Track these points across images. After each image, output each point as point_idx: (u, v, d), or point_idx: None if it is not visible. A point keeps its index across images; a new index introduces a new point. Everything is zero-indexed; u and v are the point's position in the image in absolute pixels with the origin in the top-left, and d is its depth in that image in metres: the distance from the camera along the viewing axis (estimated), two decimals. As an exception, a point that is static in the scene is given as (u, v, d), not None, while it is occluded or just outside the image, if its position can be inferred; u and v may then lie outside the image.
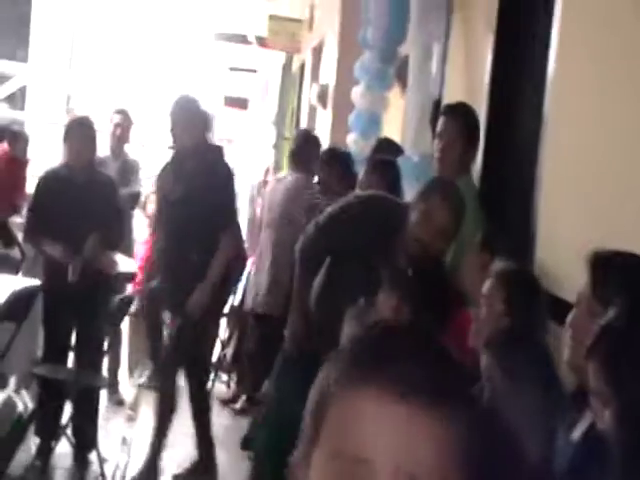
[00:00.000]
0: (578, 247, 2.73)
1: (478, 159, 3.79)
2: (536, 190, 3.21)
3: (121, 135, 6.14)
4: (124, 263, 5.30)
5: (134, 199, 6.14)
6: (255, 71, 15.66)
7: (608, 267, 1.98)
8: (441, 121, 3.72)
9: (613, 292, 1.93)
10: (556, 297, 2.73)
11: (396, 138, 4.97)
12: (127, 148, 6.25)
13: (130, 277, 5.98)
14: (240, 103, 18.70)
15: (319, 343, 3.29)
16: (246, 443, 4.95)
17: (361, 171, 4.23)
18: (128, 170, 6.08)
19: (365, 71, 5.51)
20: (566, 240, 2.90)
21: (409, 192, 4.10)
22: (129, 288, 6.26)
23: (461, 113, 3.70)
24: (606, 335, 1.63)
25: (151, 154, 12.85)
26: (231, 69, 16.52)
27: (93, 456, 4.66)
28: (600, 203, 2.73)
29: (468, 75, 4.27)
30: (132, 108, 6.74)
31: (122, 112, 6.25)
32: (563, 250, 2.90)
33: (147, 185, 6.94)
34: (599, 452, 1.78)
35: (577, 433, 1.99)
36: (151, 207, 7.45)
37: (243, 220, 5.47)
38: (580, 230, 2.81)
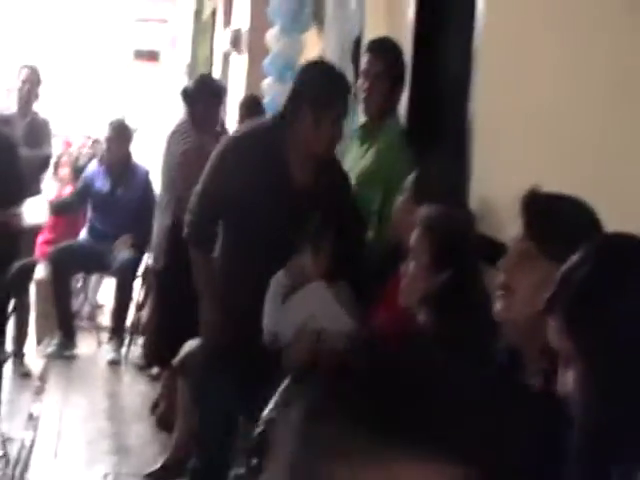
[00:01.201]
0: (516, 188, 2.54)
1: (404, 98, 3.54)
2: (468, 130, 2.96)
3: (28, 92, 5.76)
4: (34, 214, 4.91)
5: (44, 161, 5.79)
6: (165, 21, 15.09)
7: (545, 209, 1.77)
8: (365, 58, 3.47)
9: (552, 236, 1.71)
10: (495, 241, 2.51)
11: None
12: (37, 107, 5.87)
13: (38, 230, 5.62)
14: (150, 56, 18.10)
15: (238, 331, 3.02)
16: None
17: None
18: (37, 130, 5.74)
19: (279, 13, 5.22)
20: (503, 181, 2.67)
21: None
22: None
23: (387, 49, 3.45)
24: (568, 284, 1.37)
25: (61, 113, 12.31)
26: (139, 20, 15.91)
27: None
28: (536, 139, 2.49)
29: (390, 10, 4.00)
30: (39, 64, 6.31)
31: (30, 68, 5.88)
32: (500, 191, 2.66)
33: (57, 147, 6.56)
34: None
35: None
36: (64, 171, 7.09)
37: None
38: (516, 168, 2.58)
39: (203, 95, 4.59)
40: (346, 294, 2.92)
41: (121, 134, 6.04)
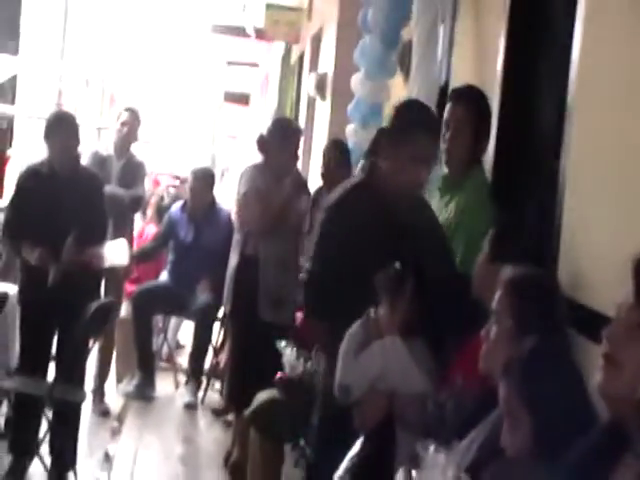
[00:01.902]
0: (612, 250, 2.39)
1: (490, 150, 3.43)
2: (559, 185, 2.82)
3: (127, 134, 5.82)
4: (116, 255, 4.95)
5: (136, 202, 5.85)
6: (255, 65, 15.32)
7: None
8: (448, 107, 3.36)
9: None
10: (587, 308, 2.36)
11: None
12: (133, 148, 5.93)
13: (127, 272, 5.67)
14: (241, 99, 18.42)
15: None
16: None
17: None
18: (132, 171, 5.80)
19: (365, 57, 5.18)
20: (597, 242, 2.52)
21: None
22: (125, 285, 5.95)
23: (471, 98, 3.33)
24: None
25: (152, 152, 12.55)
26: (229, 63, 16.20)
27: (71, 476, 4.30)
28: (633, 197, 2.35)
29: (478, 59, 3.91)
30: (129, 104, 6.43)
31: (131, 110, 5.94)
32: (594, 254, 2.51)
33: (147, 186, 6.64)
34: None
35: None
36: (150, 210, 7.17)
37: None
38: (614, 230, 2.43)
39: (276, 138, 4.61)
40: (422, 350, 2.81)
41: (204, 182, 6.06)
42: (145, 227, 7.07)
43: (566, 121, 2.84)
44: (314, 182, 5.84)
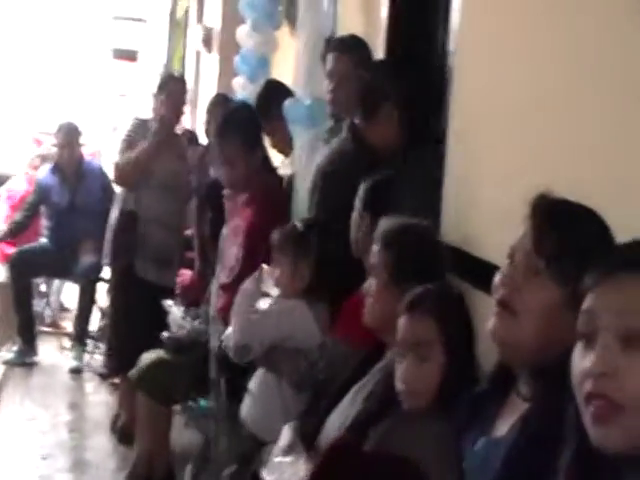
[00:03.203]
0: (497, 200, 2.36)
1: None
2: (441, 134, 2.77)
3: None
4: None
5: None
6: (141, 20, 14.89)
7: (560, 224, 1.55)
8: (330, 58, 3.28)
9: (566, 260, 1.51)
10: (476, 259, 2.33)
11: (288, 81, 4.53)
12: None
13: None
14: (129, 55, 17.88)
15: None
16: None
17: None
18: None
19: (251, 8, 5.02)
20: (481, 191, 2.49)
21: (301, 137, 3.67)
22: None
23: (352, 47, 3.27)
24: None
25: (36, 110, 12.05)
26: (116, 18, 15.68)
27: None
28: (518, 144, 2.31)
29: (363, 9, 3.82)
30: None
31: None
32: (479, 203, 2.48)
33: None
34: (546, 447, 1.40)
35: (503, 428, 1.58)
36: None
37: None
38: (498, 179, 2.40)
39: (159, 93, 4.59)
40: (325, 317, 2.76)
41: (70, 136, 5.82)
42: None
43: (450, 71, 2.78)
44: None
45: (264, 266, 2.86)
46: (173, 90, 4.64)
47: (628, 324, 1.15)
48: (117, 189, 4.72)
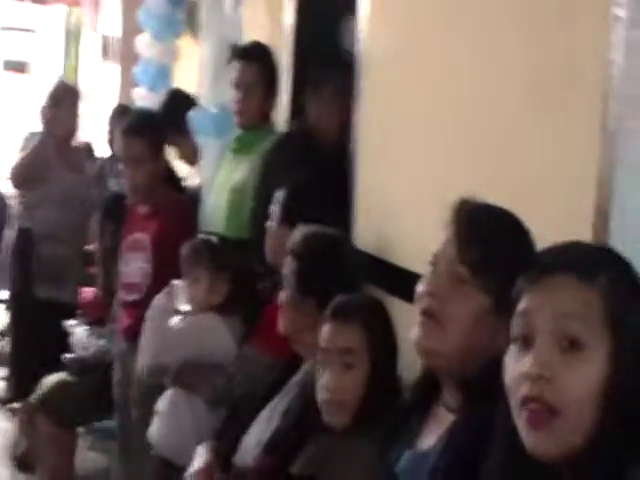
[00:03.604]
0: (412, 206, 2.33)
1: (285, 107, 3.31)
2: (352, 140, 2.73)
3: None
4: None
5: None
6: (31, 30, 14.47)
7: (485, 232, 1.51)
8: (235, 66, 3.23)
9: (491, 269, 1.47)
10: (393, 267, 2.29)
11: (192, 90, 4.44)
12: None
13: None
14: (19, 67, 17.40)
15: None
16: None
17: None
18: None
19: (151, 17, 4.92)
20: (395, 198, 2.45)
21: (209, 147, 3.59)
22: None
23: (257, 55, 3.23)
24: None
25: None
26: (4, 29, 15.22)
27: None
28: (433, 149, 2.29)
29: (268, 15, 3.77)
30: None
31: None
32: (392, 210, 2.44)
33: None
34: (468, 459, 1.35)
35: (429, 441, 1.53)
36: None
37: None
38: (412, 184, 2.36)
39: (50, 103, 4.50)
40: (239, 329, 2.68)
41: None
42: None
43: (358, 75, 2.74)
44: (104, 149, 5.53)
45: (175, 282, 2.76)
46: (65, 101, 4.50)
47: (564, 328, 1.12)
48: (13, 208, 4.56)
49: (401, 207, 2.37)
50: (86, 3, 8.39)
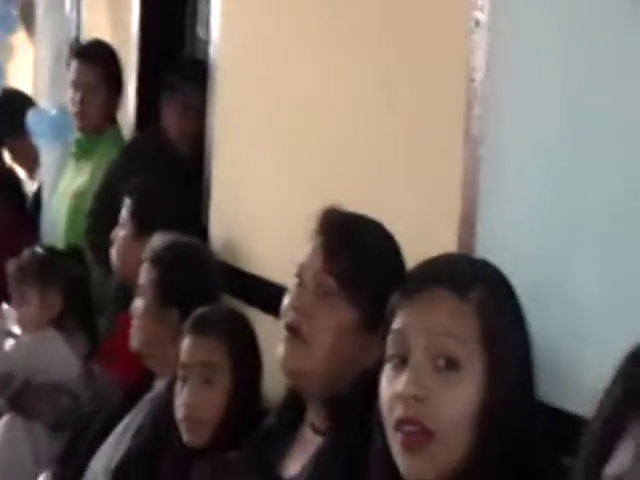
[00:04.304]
0: (267, 211, 2.25)
1: (131, 110, 3.15)
2: (206, 142, 2.61)
3: None
4: None
5: None
6: None
7: (344, 232, 1.44)
8: (74, 66, 3.07)
9: (361, 281, 1.40)
10: (252, 277, 2.20)
11: (27, 90, 4.20)
12: None
13: None
14: None
15: None
16: None
17: None
18: None
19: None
20: (250, 203, 2.36)
21: (49, 150, 3.38)
22: None
23: (97, 56, 3.08)
24: None
25: None
26: None
27: None
28: (284, 151, 2.21)
29: (111, 11, 3.60)
30: None
31: None
32: (249, 216, 2.35)
33: None
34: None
35: (295, 467, 1.44)
36: None
37: None
38: (264, 188, 2.27)
39: None
40: (83, 345, 2.53)
41: None
42: None
43: (210, 76, 2.63)
44: None
45: (4, 305, 2.59)
46: None
47: (439, 346, 1.08)
48: None
49: (261, 216, 2.28)
50: None
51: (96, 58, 3.06)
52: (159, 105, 2.87)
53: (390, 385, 1.09)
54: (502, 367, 1.08)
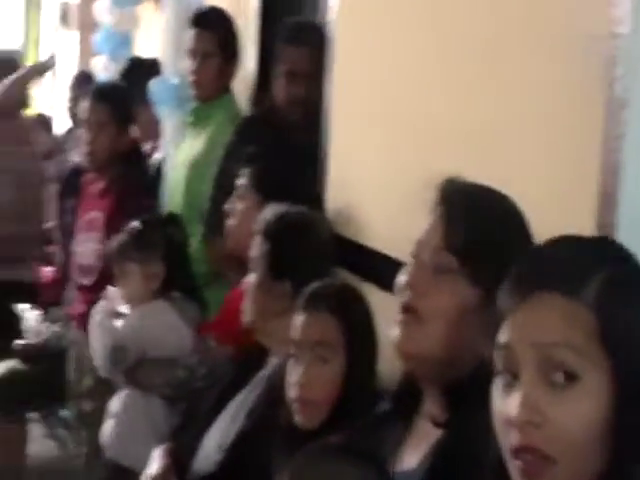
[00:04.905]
0: (385, 183, 2.14)
1: (250, 77, 3.10)
2: (322, 114, 2.51)
3: None
4: None
5: None
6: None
7: (465, 205, 1.31)
8: (191, 35, 3.03)
9: (482, 258, 1.27)
10: (370, 251, 2.09)
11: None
12: None
13: None
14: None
15: None
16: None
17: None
18: None
19: (111, -18, 4.66)
20: (368, 175, 2.24)
21: (170, 119, 3.37)
22: None
23: (213, 23, 3.03)
24: None
25: None
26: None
27: None
28: (401, 126, 2.09)
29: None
30: None
31: None
32: (364, 189, 2.24)
33: None
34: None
35: (412, 459, 1.33)
36: None
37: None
38: (386, 161, 2.16)
39: None
40: (195, 315, 2.49)
41: None
42: None
43: (329, 45, 2.52)
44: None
45: (110, 288, 2.58)
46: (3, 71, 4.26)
47: (551, 359, 0.92)
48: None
49: (379, 187, 2.17)
50: (46, -31, 8.10)
51: (210, 25, 3.02)
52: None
53: (502, 403, 0.95)
54: (630, 373, 0.91)
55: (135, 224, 2.59)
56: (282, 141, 2.54)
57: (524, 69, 1.58)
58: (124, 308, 2.56)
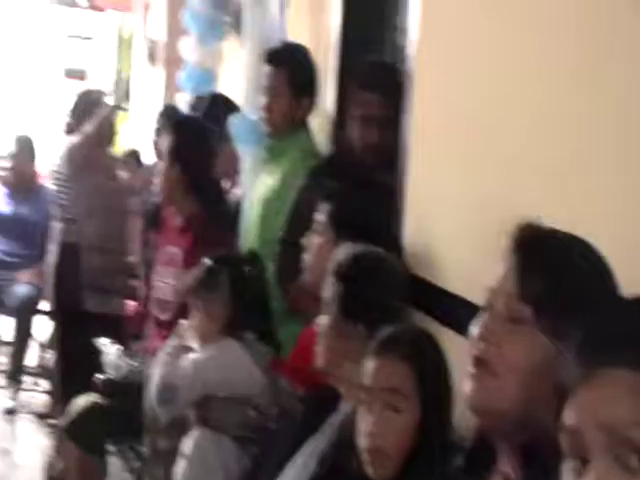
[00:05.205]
0: (466, 226, 2.07)
1: (329, 113, 3.07)
2: (401, 151, 2.46)
3: None
4: None
5: None
6: (88, 38, 14.57)
7: (542, 252, 1.24)
8: (264, 71, 3.02)
9: (558, 307, 1.20)
10: (447, 294, 2.02)
11: (236, 95, 4.24)
12: None
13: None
14: (79, 74, 17.60)
15: None
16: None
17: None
18: None
19: (195, 20, 4.73)
20: (449, 216, 2.18)
21: (249, 153, 3.37)
22: None
23: (284, 60, 2.99)
24: None
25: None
26: (70, 37, 15.43)
27: None
28: (482, 159, 2.02)
29: (313, 17, 3.54)
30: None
31: None
32: (445, 231, 2.17)
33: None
34: None
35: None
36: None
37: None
38: (466, 201, 2.09)
39: (77, 112, 4.47)
40: (265, 355, 2.45)
41: (25, 149, 5.54)
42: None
43: (408, 80, 2.47)
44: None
45: (182, 323, 2.57)
46: (93, 108, 4.39)
47: (624, 441, 0.83)
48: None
49: (455, 230, 2.10)
50: (137, 9, 8.31)
51: (280, 62, 3.00)
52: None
53: None
54: None
55: (206, 261, 2.58)
56: (361, 181, 2.49)
57: (618, 99, 1.50)
58: (194, 344, 2.55)
